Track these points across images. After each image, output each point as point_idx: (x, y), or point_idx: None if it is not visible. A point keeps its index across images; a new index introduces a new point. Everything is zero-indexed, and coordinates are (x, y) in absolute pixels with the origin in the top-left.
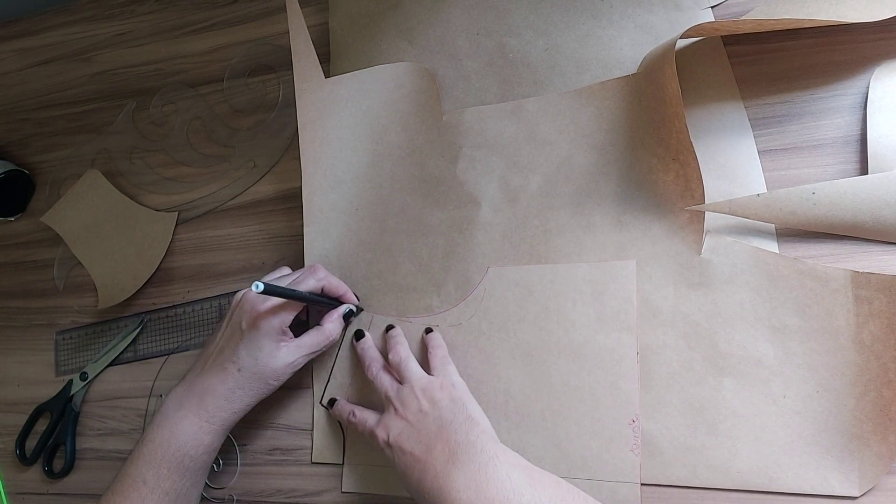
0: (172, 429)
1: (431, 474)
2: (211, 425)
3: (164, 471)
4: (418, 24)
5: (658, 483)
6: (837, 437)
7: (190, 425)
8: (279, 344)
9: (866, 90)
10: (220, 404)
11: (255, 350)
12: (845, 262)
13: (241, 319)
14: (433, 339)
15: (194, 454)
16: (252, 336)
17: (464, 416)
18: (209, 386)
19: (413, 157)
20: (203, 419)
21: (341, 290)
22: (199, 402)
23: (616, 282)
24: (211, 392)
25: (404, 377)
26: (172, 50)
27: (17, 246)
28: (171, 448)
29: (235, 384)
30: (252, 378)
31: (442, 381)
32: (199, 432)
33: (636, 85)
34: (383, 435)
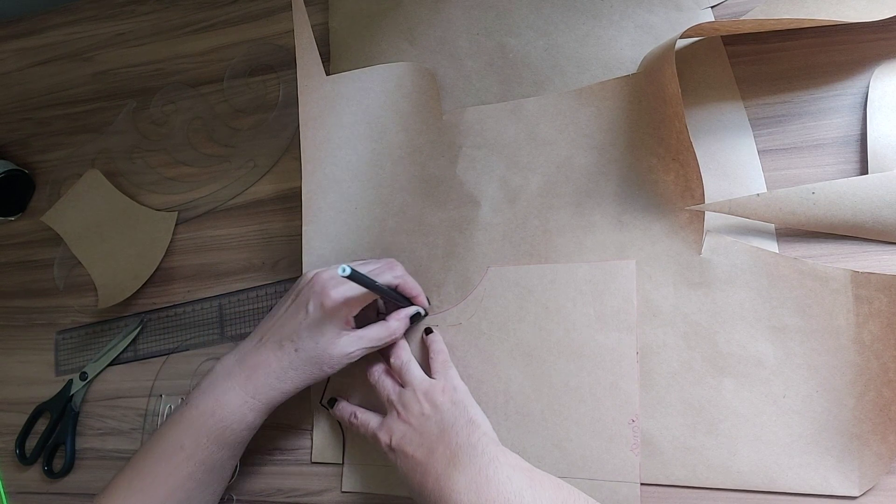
0: (218, 398)
1: (433, 477)
2: (257, 402)
3: (203, 440)
4: (419, 24)
5: (658, 483)
6: (837, 437)
7: (236, 398)
8: (341, 332)
9: (866, 90)
10: (270, 382)
11: (318, 334)
12: (845, 262)
13: (310, 299)
14: (434, 342)
15: (236, 428)
16: (318, 318)
17: (465, 418)
18: (262, 361)
19: (413, 156)
20: (250, 394)
21: (415, 291)
22: (249, 376)
23: (616, 282)
24: (263, 368)
25: (406, 380)
26: (173, 50)
27: (18, 246)
28: (213, 418)
29: (290, 364)
30: (308, 361)
31: (443, 385)
32: (244, 407)
33: (636, 85)
34: (386, 438)
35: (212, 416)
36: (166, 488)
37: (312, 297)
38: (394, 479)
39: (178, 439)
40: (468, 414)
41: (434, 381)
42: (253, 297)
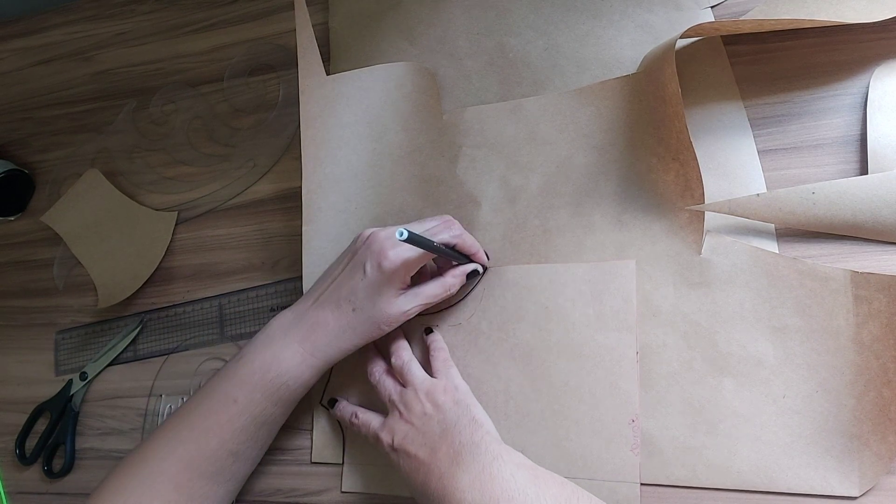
0: (276, 354)
1: (436, 476)
2: (314, 359)
3: (257, 395)
4: (419, 24)
5: (658, 483)
6: (837, 437)
7: (294, 355)
8: (399, 292)
9: (866, 90)
10: (328, 341)
11: (376, 294)
12: (845, 262)
13: (367, 259)
14: (435, 341)
15: (292, 385)
16: (376, 279)
17: (467, 418)
18: (321, 320)
19: (413, 156)
20: (308, 351)
21: (474, 248)
22: (307, 333)
23: (616, 281)
24: (322, 326)
25: (407, 380)
26: (173, 49)
27: (17, 246)
28: (269, 373)
29: (348, 323)
30: (366, 321)
31: (445, 384)
32: (302, 364)
33: (636, 85)
34: (388, 438)
35: (268, 372)
36: (218, 440)
37: (370, 257)
38: (393, 480)
39: (230, 393)
40: (471, 413)
41: (436, 380)
42: (253, 296)
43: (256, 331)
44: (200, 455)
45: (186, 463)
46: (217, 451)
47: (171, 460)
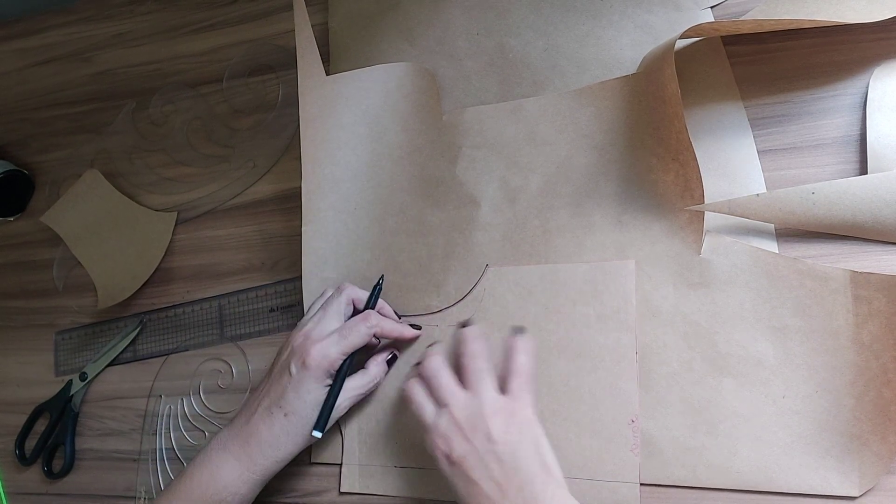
0: (213, 471)
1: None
2: (252, 474)
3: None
4: (418, 25)
5: (657, 483)
6: (837, 437)
7: (232, 470)
8: (325, 386)
9: (866, 90)
10: (264, 451)
11: (304, 392)
12: (845, 262)
13: (291, 361)
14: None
15: (230, 501)
16: (301, 377)
17: (539, 462)
18: (254, 431)
19: (413, 156)
20: (244, 465)
21: (394, 333)
22: (242, 446)
23: (616, 282)
24: (256, 437)
25: (476, 389)
26: (172, 50)
27: (17, 246)
28: (209, 490)
29: (281, 430)
30: (298, 423)
31: (520, 412)
32: (238, 480)
33: (636, 85)
34: (444, 447)
35: (207, 489)
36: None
37: (293, 357)
38: (393, 480)
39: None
40: (542, 456)
41: (508, 401)
42: (252, 297)
43: (256, 331)
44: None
45: None
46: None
47: None
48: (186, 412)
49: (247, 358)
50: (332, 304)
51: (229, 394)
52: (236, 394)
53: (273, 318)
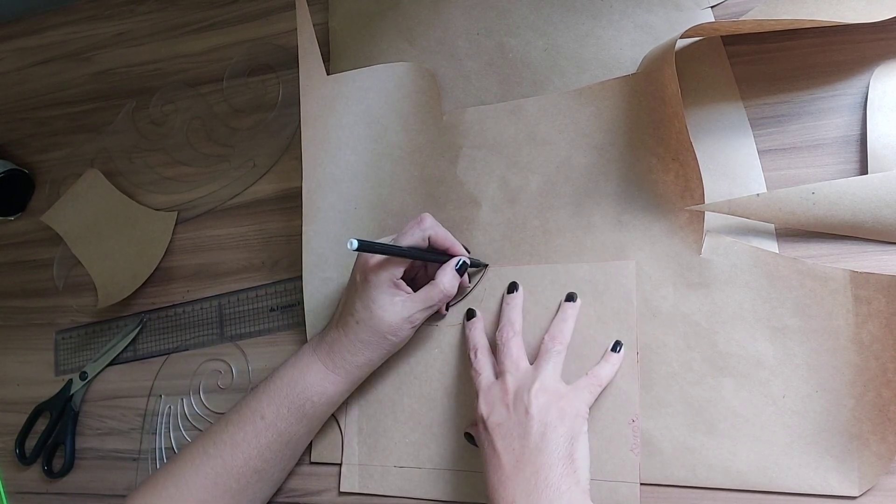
0: (302, 370)
1: (507, 499)
2: (336, 375)
3: (283, 410)
4: (418, 25)
5: (657, 483)
6: (837, 437)
7: (318, 371)
8: (393, 297)
9: (866, 90)
10: (344, 356)
11: (370, 302)
12: (845, 262)
13: (356, 272)
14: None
15: (316, 401)
16: (365, 290)
17: (566, 453)
18: (335, 338)
19: (413, 156)
20: (329, 368)
21: (447, 242)
22: (327, 352)
23: (616, 282)
24: (337, 344)
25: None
26: (172, 49)
27: (17, 245)
28: (296, 388)
29: (356, 337)
30: (370, 331)
31: (570, 402)
32: (324, 381)
33: (636, 85)
34: (485, 410)
35: (295, 387)
36: (243, 456)
37: (357, 269)
38: (392, 480)
39: (259, 409)
40: (572, 448)
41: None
42: (252, 296)
43: (256, 331)
44: (226, 471)
45: (212, 480)
46: (242, 467)
47: (197, 478)
48: (186, 412)
49: (247, 358)
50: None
51: (229, 394)
52: (236, 394)
53: (273, 318)
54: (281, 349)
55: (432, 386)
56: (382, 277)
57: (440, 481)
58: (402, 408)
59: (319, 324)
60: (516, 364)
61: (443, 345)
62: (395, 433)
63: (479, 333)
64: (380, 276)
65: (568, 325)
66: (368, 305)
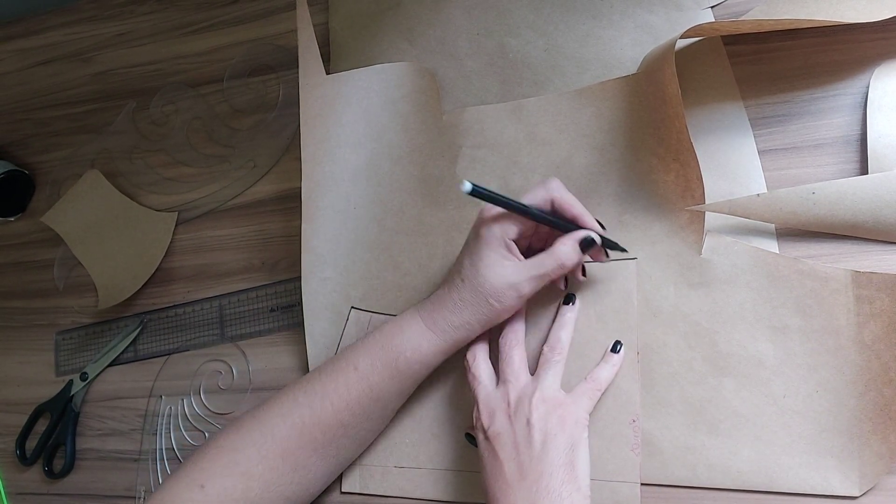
0: (401, 324)
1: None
2: (432, 333)
3: (377, 363)
4: (418, 25)
5: (658, 483)
6: (838, 437)
7: (416, 326)
8: (503, 259)
9: (866, 90)
10: (443, 314)
11: (477, 259)
12: (846, 262)
13: (471, 231)
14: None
15: (410, 356)
16: (475, 245)
17: (567, 461)
18: (441, 295)
19: (413, 156)
20: (428, 325)
21: (575, 209)
22: (430, 308)
23: (616, 282)
24: (440, 301)
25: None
26: (172, 50)
27: (17, 246)
28: (393, 341)
29: (459, 295)
30: (473, 291)
31: (570, 410)
32: (421, 337)
33: (636, 85)
34: (485, 420)
35: (391, 339)
36: (332, 407)
37: (472, 229)
38: (392, 480)
39: (353, 359)
40: (572, 459)
41: (563, 398)
42: (252, 297)
43: (256, 331)
44: (313, 420)
45: (299, 429)
46: (330, 419)
47: (284, 425)
48: (187, 412)
49: (247, 358)
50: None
51: (229, 394)
52: (236, 394)
53: (273, 318)
54: (281, 349)
55: (432, 386)
56: (494, 233)
57: (440, 481)
58: (402, 408)
59: (318, 324)
60: (517, 374)
61: None
62: (395, 433)
63: (477, 339)
64: (492, 230)
65: (566, 331)
66: (475, 262)
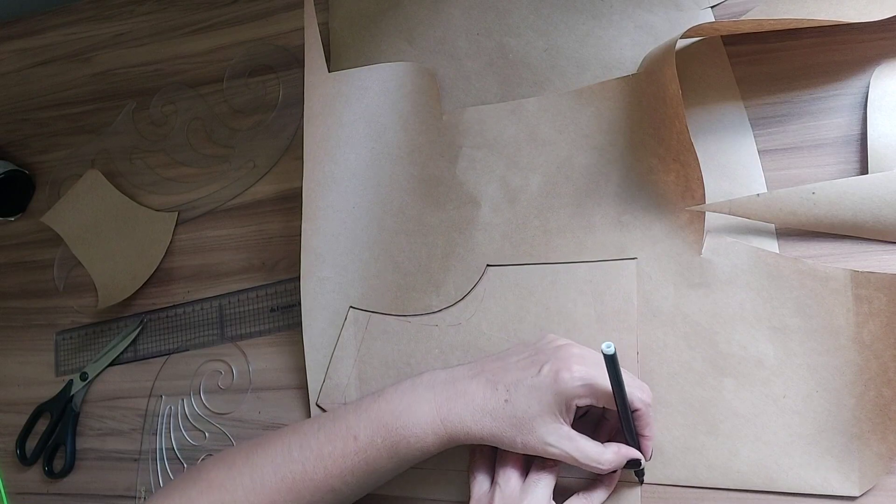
0: (410, 405)
1: None
2: (442, 427)
3: (378, 440)
4: (418, 25)
5: (658, 483)
6: (837, 437)
7: (427, 413)
8: (558, 418)
9: (866, 90)
10: (462, 415)
11: (536, 399)
12: (845, 262)
13: (548, 362)
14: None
15: (411, 444)
16: (544, 386)
17: None
18: (469, 391)
19: (413, 156)
20: (440, 417)
21: (649, 431)
22: (448, 398)
23: (616, 282)
24: (466, 398)
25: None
26: (172, 50)
27: (17, 246)
28: (398, 421)
29: (492, 409)
30: (508, 419)
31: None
32: (428, 428)
33: (636, 85)
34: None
35: (397, 420)
36: (325, 472)
37: (552, 361)
38: (393, 481)
39: (354, 427)
40: None
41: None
42: (252, 297)
43: (256, 331)
44: (304, 480)
45: (289, 484)
46: (321, 483)
47: (275, 477)
48: (187, 412)
49: (247, 358)
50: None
51: (229, 394)
52: (236, 394)
53: (273, 318)
54: (281, 349)
55: None
56: (571, 393)
57: (440, 481)
58: None
59: (317, 323)
60: (508, 477)
61: (443, 345)
62: None
63: None
64: (573, 391)
65: None
66: (532, 401)
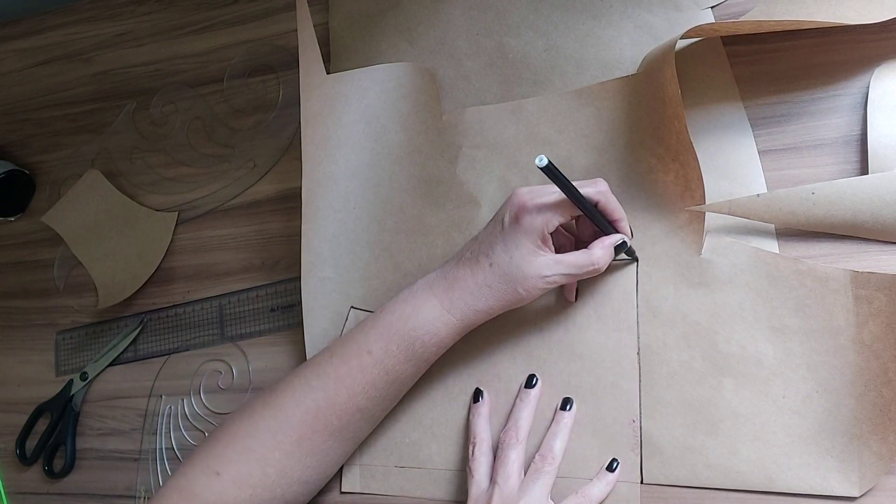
0: (416, 306)
1: None
2: (451, 316)
3: (392, 347)
4: (418, 25)
5: (658, 483)
6: (837, 437)
7: (433, 309)
8: (538, 250)
9: (866, 90)
10: (464, 298)
11: (512, 247)
12: (845, 262)
13: (506, 213)
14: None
15: (427, 341)
16: (512, 231)
17: None
18: (460, 276)
19: (412, 156)
20: (445, 307)
21: (618, 213)
22: (446, 290)
23: (616, 282)
24: (461, 283)
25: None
26: (172, 50)
27: (17, 246)
28: (408, 325)
29: (484, 280)
30: (502, 278)
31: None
32: (438, 320)
33: (636, 85)
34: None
35: (406, 323)
36: (347, 392)
37: (508, 209)
38: (393, 480)
39: (367, 343)
40: None
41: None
42: (252, 297)
43: (256, 331)
44: (328, 405)
45: (314, 414)
46: (345, 404)
47: (298, 410)
48: (187, 412)
49: (247, 358)
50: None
51: (229, 394)
52: (236, 394)
53: (273, 318)
54: (281, 349)
55: (433, 385)
56: (537, 222)
57: (440, 481)
58: (402, 408)
59: (318, 323)
60: (507, 477)
61: None
62: (396, 433)
63: (482, 424)
64: (535, 220)
65: (561, 439)
66: (510, 250)
